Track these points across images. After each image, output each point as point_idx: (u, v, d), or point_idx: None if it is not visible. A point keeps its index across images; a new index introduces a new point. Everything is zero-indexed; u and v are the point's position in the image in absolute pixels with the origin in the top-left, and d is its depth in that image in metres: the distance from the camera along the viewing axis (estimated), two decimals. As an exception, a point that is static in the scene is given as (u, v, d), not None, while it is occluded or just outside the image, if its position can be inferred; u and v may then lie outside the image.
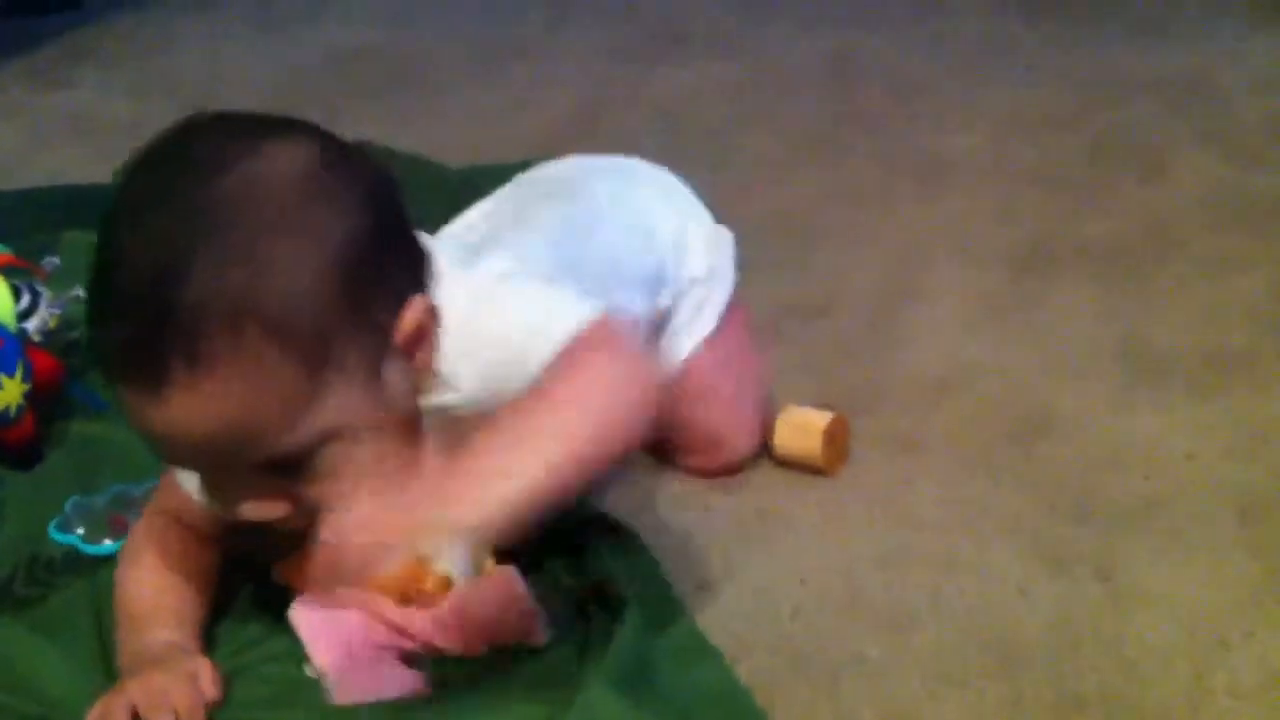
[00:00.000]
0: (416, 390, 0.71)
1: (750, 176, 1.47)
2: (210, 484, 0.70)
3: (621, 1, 2.13)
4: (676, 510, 0.91)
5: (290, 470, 0.67)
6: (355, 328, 0.67)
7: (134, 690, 0.68)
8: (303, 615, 0.70)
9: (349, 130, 1.53)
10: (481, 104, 1.75)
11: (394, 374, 0.69)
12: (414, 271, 0.72)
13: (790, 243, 1.30)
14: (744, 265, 1.23)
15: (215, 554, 0.78)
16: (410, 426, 0.71)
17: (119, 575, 0.77)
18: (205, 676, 0.70)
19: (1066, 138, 1.51)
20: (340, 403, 0.66)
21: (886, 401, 1.02)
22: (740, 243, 1.03)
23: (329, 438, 0.66)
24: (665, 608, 0.76)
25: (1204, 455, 0.93)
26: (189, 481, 0.74)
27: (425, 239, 0.75)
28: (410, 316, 0.70)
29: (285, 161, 0.66)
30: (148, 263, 0.64)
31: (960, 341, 1.10)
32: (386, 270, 0.69)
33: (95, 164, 1.37)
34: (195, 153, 0.67)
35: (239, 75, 1.90)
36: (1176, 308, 1.13)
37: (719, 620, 0.79)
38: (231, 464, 0.66)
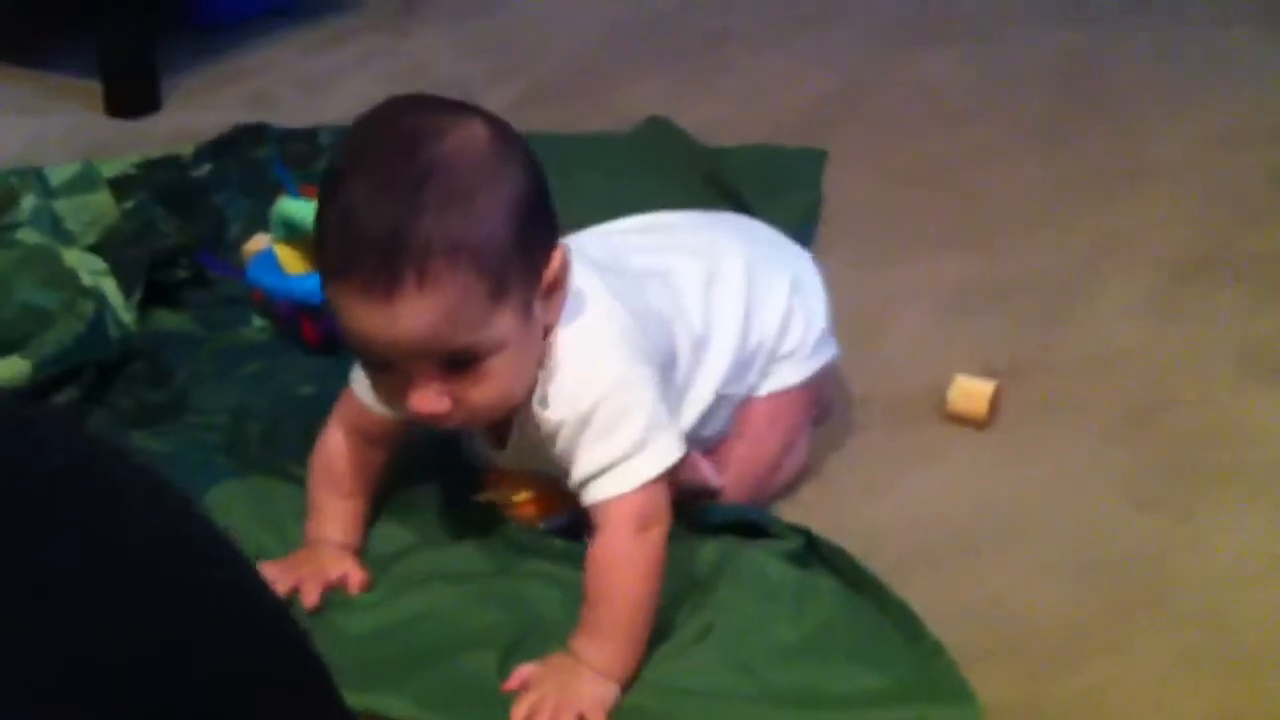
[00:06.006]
0: (547, 328, 0.92)
1: (974, 163, 1.72)
2: (396, 382, 0.89)
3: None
4: (857, 437, 1.20)
5: (461, 368, 0.87)
6: (523, 266, 0.88)
7: (301, 565, 0.99)
8: None
9: (642, 91, 1.85)
10: (753, 76, 2.01)
11: (538, 309, 0.90)
12: (554, 227, 0.92)
13: (993, 227, 1.56)
14: (948, 246, 1.51)
15: (384, 459, 1.03)
16: (537, 357, 0.92)
17: (310, 480, 1.03)
18: (354, 579, 0.99)
19: (1259, 153, 1.71)
20: (507, 322, 0.87)
21: (1041, 372, 1.28)
22: (956, 220, 1.25)
23: (496, 349, 0.87)
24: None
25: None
26: (366, 395, 0.97)
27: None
28: (554, 263, 0.91)
29: (474, 132, 0.87)
30: (387, 209, 0.84)
31: (1114, 331, 1.35)
32: (541, 223, 0.90)
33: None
34: (406, 125, 0.88)
35: (554, 33, 2.18)
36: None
37: (874, 514, 1.09)
38: (425, 357, 0.86)
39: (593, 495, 0.92)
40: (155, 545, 0.62)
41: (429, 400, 0.88)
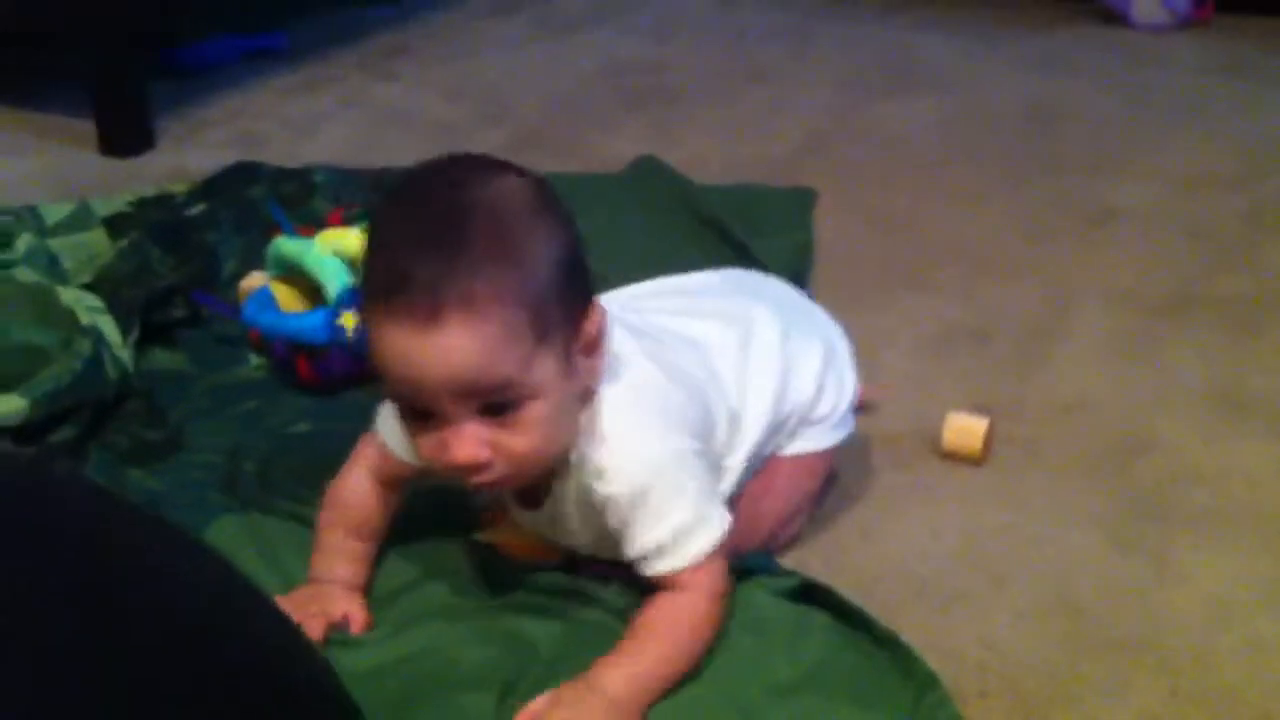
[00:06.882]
0: (586, 390, 0.93)
1: (946, 208, 1.77)
2: (435, 432, 0.89)
3: (860, 34, 2.44)
4: (853, 477, 1.22)
5: (500, 413, 0.87)
6: (563, 314, 0.89)
7: (306, 604, 0.99)
8: None
9: (620, 136, 1.92)
10: (724, 123, 2.06)
11: (579, 366, 0.91)
12: (590, 287, 0.93)
13: (967, 270, 1.60)
14: (925, 289, 1.55)
15: (398, 502, 1.04)
16: (576, 416, 0.93)
17: (322, 517, 1.04)
18: (356, 619, 1.00)
19: (1229, 198, 1.76)
20: (548, 366, 0.88)
21: (1020, 414, 1.31)
22: (930, 264, 1.27)
23: (535, 393, 0.88)
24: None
25: (1263, 483, 1.21)
26: (391, 438, 0.99)
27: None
28: (592, 321, 0.91)
29: (520, 183, 0.90)
30: (436, 240, 0.85)
31: (1090, 373, 1.39)
32: (579, 278, 0.91)
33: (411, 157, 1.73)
34: (454, 173, 0.90)
35: (530, 80, 2.25)
36: (1277, 359, 1.39)
37: (868, 555, 1.12)
38: (467, 395, 0.86)
39: (654, 569, 0.94)
40: (179, 586, 0.65)
41: (470, 448, 0.88)
